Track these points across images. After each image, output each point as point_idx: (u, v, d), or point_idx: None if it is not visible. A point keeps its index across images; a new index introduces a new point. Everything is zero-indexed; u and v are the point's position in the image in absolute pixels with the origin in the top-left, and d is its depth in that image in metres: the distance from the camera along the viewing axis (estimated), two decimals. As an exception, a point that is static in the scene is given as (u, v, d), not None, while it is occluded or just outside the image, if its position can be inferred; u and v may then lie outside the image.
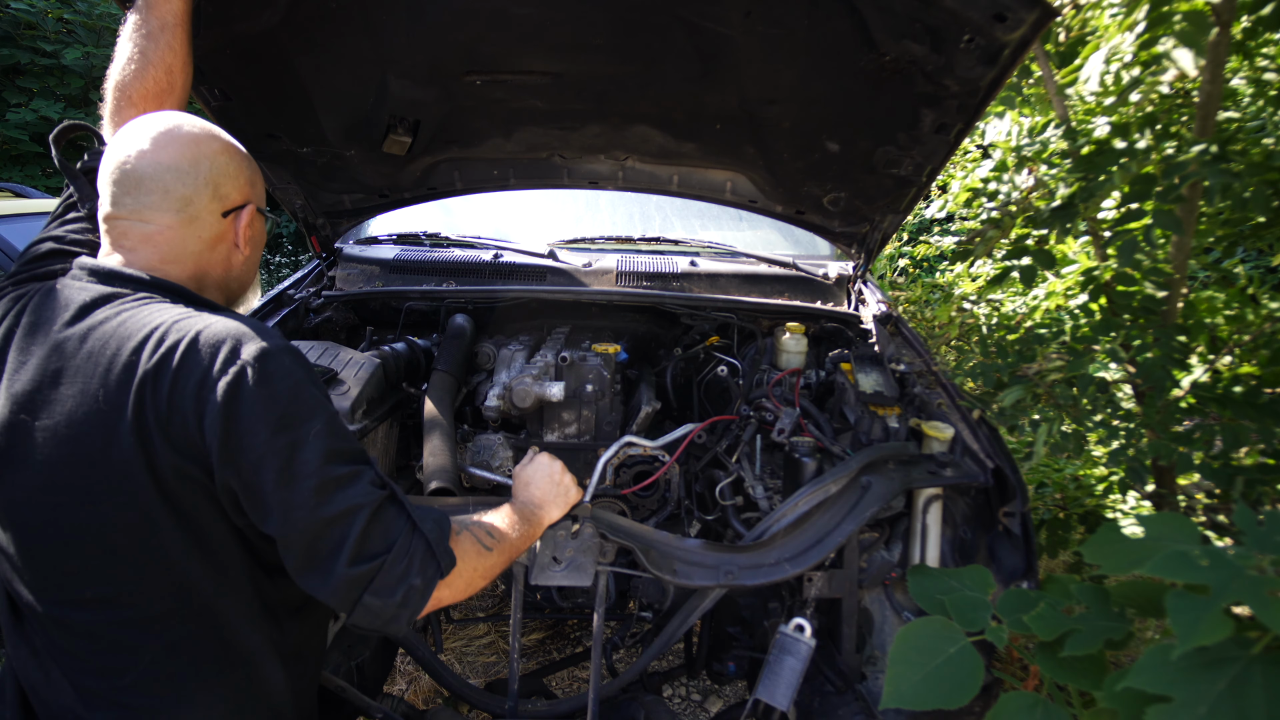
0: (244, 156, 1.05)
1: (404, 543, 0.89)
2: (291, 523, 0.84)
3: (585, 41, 1.50)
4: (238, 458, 0.83)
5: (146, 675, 0.91)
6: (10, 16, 5.44)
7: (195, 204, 0.97)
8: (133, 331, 0.86)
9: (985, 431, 1.62)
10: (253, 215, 1.05)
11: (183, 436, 0.84)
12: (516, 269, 2.32)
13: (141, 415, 0.84)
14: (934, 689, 1.04)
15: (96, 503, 0.86)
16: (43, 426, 0.87)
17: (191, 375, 0.84)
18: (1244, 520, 0.92)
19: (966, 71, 1.37)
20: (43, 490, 0.87)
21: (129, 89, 1.17)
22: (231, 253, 1.04)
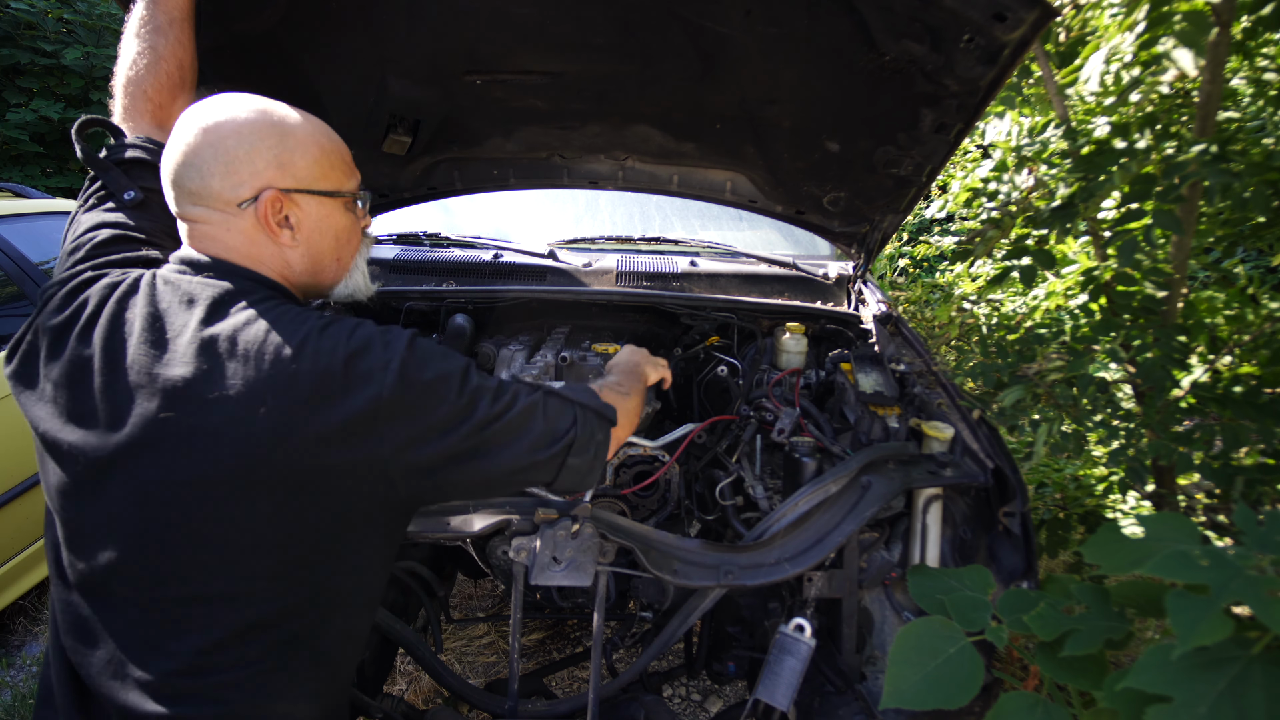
0: (267, 133, 0.93)
1: (579, 415, 1.06)
2: (503, 447, 0.97)
3: (585, 41, 1.50)
4: (426, 432, 0.91)
5: (250, 671, 0.90)
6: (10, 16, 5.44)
7: (208, 198, 0.93)
8: (286, 337, 0.87)
9: (985, 431, 1.62)
10: (277, 200, 0.94)
11: (355, 436, 0.87)
12: (516, 269, 2.32)
13: (312, 420, 0.85)
14: (934, 689, 1.04)
15: (254, 501, 0.86)
16: (197, 424, 0.85)
17: (361, 379, 0.87)
18: (1244, 520, 0.92)
19: (966, 71, 1.37)
20: (190, 486, 0.86)
21: (142, 84, 1.16)
22: (278, 246, 0.97)
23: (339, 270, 1.06)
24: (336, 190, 1.01)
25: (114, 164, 1.10)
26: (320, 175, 0.98)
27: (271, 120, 0.94)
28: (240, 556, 0.88)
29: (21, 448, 2.61)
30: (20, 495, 2.58)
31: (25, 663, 2.62)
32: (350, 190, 1.03)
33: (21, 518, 2.61)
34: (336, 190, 1.01)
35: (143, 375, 0.87)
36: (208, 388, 0.85)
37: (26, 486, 2.60)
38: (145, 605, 0.88)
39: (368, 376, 0.87)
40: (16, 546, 2.61)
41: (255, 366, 0.85)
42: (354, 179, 1.05)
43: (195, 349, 0.86)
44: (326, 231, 1.01)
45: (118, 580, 0.89)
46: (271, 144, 0.93)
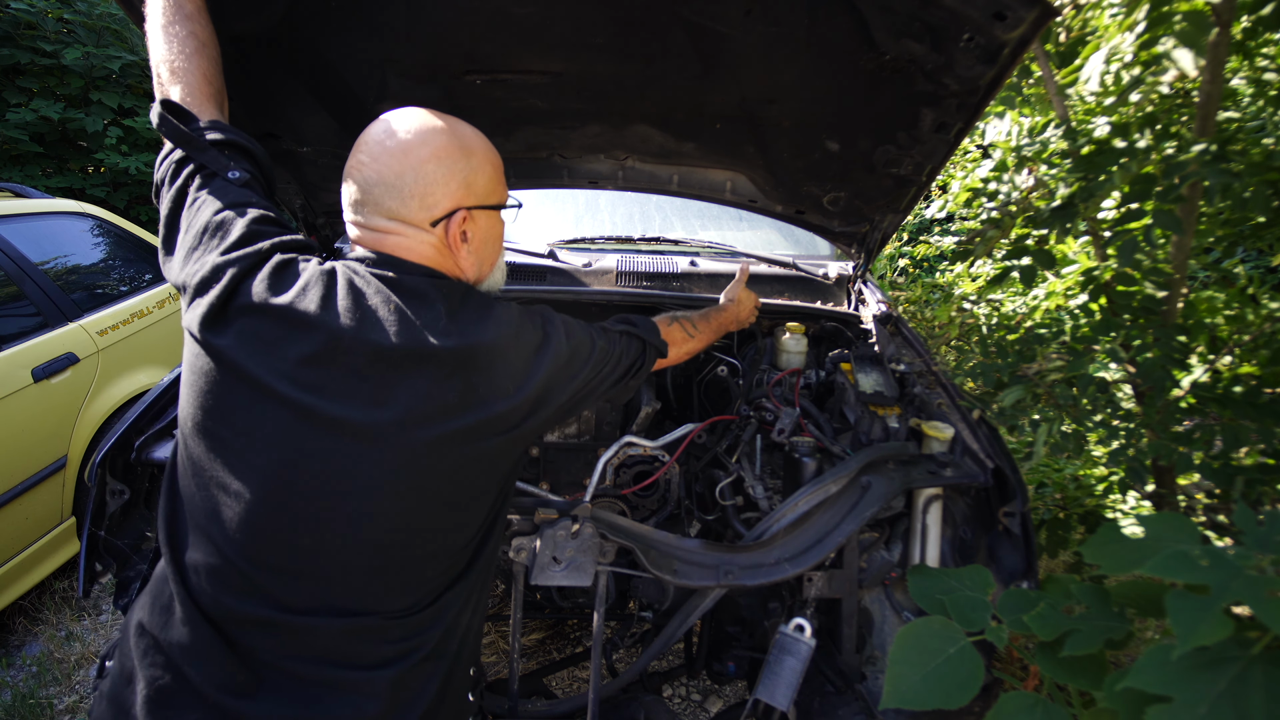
0: (457, 158, 1.02)
1: (646, 349, 1.33)
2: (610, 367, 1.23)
3: (585, 41, 1.50)
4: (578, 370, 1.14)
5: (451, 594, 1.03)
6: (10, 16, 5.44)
7: (405, 215, 1.01)
8: (510, 325, 1.04)
9: (985, 431, 1.62)
10: (465, 218, 1.04)
11: (551, 391, 1.09)
12: (516, 269, 2.32)
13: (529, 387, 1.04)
14: (934, 689, 1.04)
15: (495, 463, 1.04)
16: (470, 402, 0.97)
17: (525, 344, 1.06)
18: (1244, 520, 0.92)
19: (966, 70, 1.37)
20: (456, 457, 0.98)
21: (200, 70, 1.14)
22: (456, 256, 1.07)
23: (491, 271, 1.17)
24: (501, 203, 1.12)
25: (211, 144, 1.09)
26: (491, 191, 1.09)
27: (461, 143, 1.04)
28: (465, 513, 1.02)
29: (21, 448, 2.61)
30: (20, 495, 2.58)
31: (25, 663, 2.62)
32: (507, 201, 1.15)
33: (21, 518, 2.61)
34: (501, 203, 1.12)
35: (408, 360, 0.94)
36: (466, 372, 0.97)
37: (26, 486, 2.60)
38: (380, 561, 0.95)
39: (555, 352, 1.08)
40: (16, 546, 2.61)
41: (495, 349, 1.00)
42: (506, 190, 1.16)
43: (449, 339, 0.96)
44: (490, 239, 1.12)
45: (352, 540, 0.94)
46: (461, 167, 1.03)
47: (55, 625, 2.79)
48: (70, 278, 3.14)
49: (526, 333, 1.06)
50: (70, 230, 3.34)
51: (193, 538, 0.96)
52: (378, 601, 0.95)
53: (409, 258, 1.03)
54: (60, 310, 2.96)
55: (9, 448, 2.56)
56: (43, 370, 2.73)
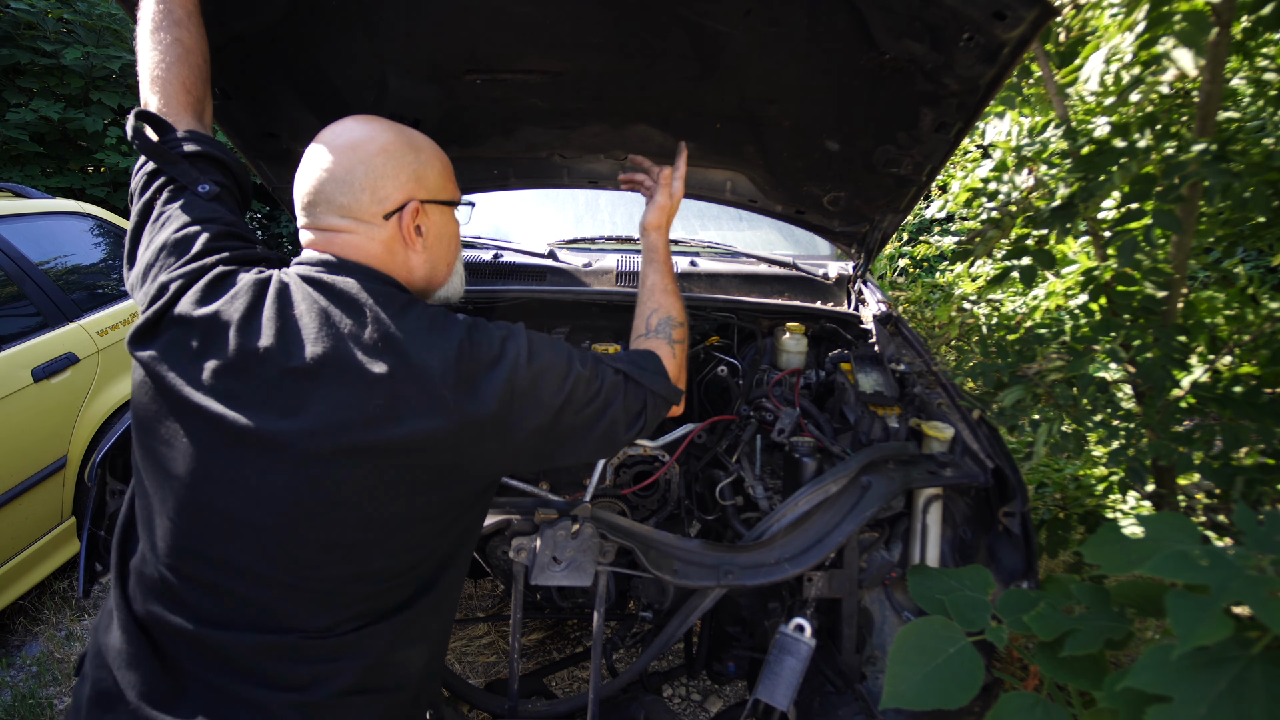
0: (405, 151, 1.02)
1: (651, 401, 1.15)
2: (579, 438, 1.06)
3: (585, 40, 1.50)
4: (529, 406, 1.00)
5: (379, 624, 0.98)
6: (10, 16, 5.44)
7: (357, 210, 1.00)
8: (451, 336, 0.97)
9: (985, 431, 1.62)
10: (418, 211, 1.03)
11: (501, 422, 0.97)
12: (516, 269, 2.32)
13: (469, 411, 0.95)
14: (934, 689, 1.04)
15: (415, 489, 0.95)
16: (382, 415, 0.91)
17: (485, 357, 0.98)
18: (1244, 520, 0.92)
19: (966, 70, 1.37)
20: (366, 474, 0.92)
21: (179, 78, 1.14)
22: (409, 253, 1.05)
23: (448, 273, 1.14)
24: (453, 199, 1.11)
25: (182, 157, 1.09)
26: (442, 186, 1.08)
27: (408, 139, 1.04)
28: (389, 535, 0.95)
29: (21, 448, 2.61)
30: (20, 495, 2.58)
31: (25, 663, 2.62)
32: (458, 199, 1.13)
33: (21, 518, 2.61)
34: (453, 199, 1.11)
35: (323, 368, 0.91)
36: (393, 383, 0.91)
37: (27, 486, 2.60)
38: (292, 579, 0.92)
39: (512, 371, 0.98)
40: (17, 546, 2.60)
41: (434, 362, 0.93)
42: (457, 189, 1.14)
43: (380, 348, 0.92)
44: (444, 237, 1.10)
45: (263, 554, 0.92)
46: (410, 160, 1.03)
47: (55, 625, 2.79)
48: (70, 278, 3.14)
49: (478, 348, 0.98)
50: (70, 230, 3.34)
51: (136, 545, 0.98)
52: (294, 619, 0.92)
53: (357, 257, 1.01)
54: (60, 310, 2.96)
55: (9, 448, 2.56)
56: (43, 370, 2.73)
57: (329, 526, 0.92)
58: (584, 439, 1.07)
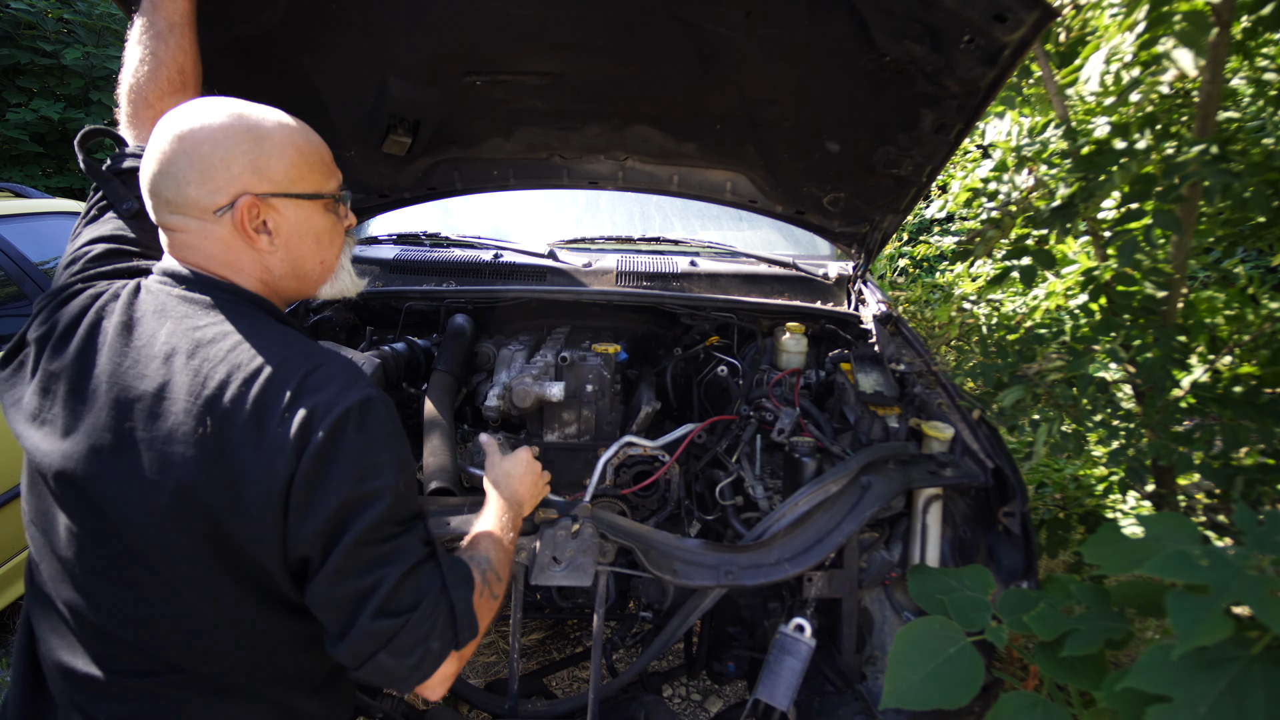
0: (240, 139, 0.91)
1: (430, 603, 0.88)
2: (337, 568, 0.84)
3: (585, 42, 1.50)
4: (316, 499, 0.84)
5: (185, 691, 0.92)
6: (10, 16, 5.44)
7: (184, 205, 0.91)
8: (244, 360, 0.86)
9: (985, 431, 1.62)
10: (255, 207, 0.92)
11: (276, 476, 0.83)
12: (516, 269, 2.32)
13: (243, 449, 0.84)
14: (934, 689, 1.04)
15: (189, 522, 0.86)
16: (148, 438, 0.85)
17: (299, 416, 0.83)
18: (1244, 520, 0.92)
19: (966, 72, 1.37)
20: (136, 502, 0.86)
21: (144, 91, 1.17)
22: (256, 250, 0.95)
23: (323, 272, 1.04)
24: (315, 192, 0.98)
25: (114, 174, 1.11)
26: (297, 178, 0.96)
27: (246, 124, 0.92)
28: (182, 577, 0.87)
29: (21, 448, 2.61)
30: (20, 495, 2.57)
31: (25, 663, 2.62)
32: (330, 191, 1.01)
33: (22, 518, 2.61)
34: (315, 192, 0.98)
35: (102, 385, 0.88)
36: (158, 403, 0.85)
37: (27, 486, 2.60)
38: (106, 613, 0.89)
39: (310, 414, 0.83)
40: (17, 546, 2.60)
41: (204, 385, 0.84)
42: (334, 179, 1.02)
43: (158, 363, 0.87)
44: (306, 234, 0.98)
45: (69, 595, 0.90)
46: (246, 149, 0.91)
47: (55, 625, 2.79)
48: (70, 278, 3.15)
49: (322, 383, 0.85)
50: (70, 230, 3.34)
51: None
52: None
53: (197, 260, 0.93)
54: (60, 310, 2.97)
55: (9, 448, 2.56)
56: (43, 370, 2.73)
57: (116, 562, 0.89)
58: (326, 583, 0.84)
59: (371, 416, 0.86)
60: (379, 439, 0.87)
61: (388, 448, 0.88)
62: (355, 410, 0.85)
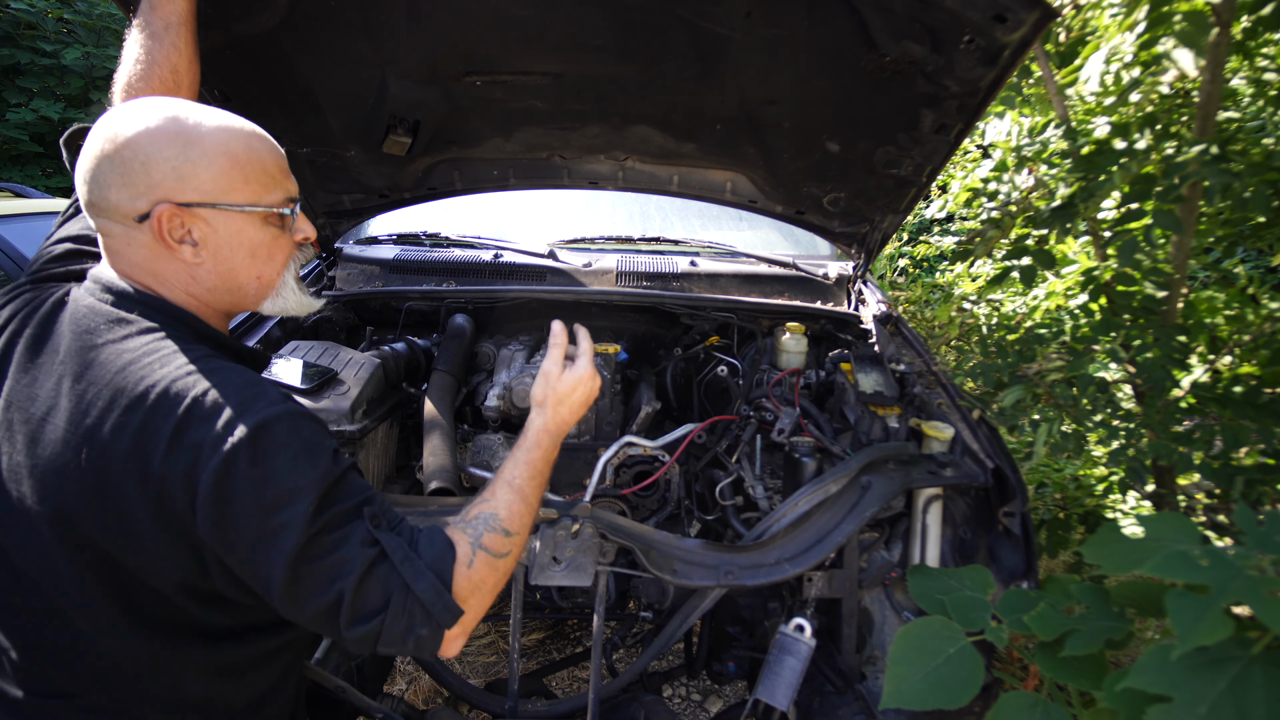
0: (166, 144, 0.86)
1: (399, 598, 0.85)
2: (286, 595, 0.82)
3: (585, 42, 1.50)
4: (232, 537, 0.81)
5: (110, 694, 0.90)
6: (10, 16, 5.44)
7: (104, 208, 0.87)
8: (129, 385, 0.81)
9: (985, 431, 1.62)
10: (174, 215, 0.86)
11: (169, 510, 0.81)
12: (516, 269, 2.32)
13: (128, 479, 0.80)
14: (934, 689, 1.04)
15: (81, 548, 0.84)
16: (34, 462, 0.83)
17: (184, 451, 0.79)
18: (1244, 520, 0.92)
19: (966, 72, 1.37)
20: (28, 520, 0.84)
21: (136, 89, 1.17)
22: (180, 261, 0.90)
23: (261, 288, 0.98)
24: (250, 204, 0.92)
25: None
26: (229, 188, 0.90)
27: (178, 128, 0.87)
28: (72, 606, 0.86)
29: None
30: None
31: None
32: (270, 203, 0.94)
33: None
34: (250, 204, 0.92)
35: (4, 403, 0.87)
36: (44, 424, 0.83)
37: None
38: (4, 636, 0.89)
39: (195, 449, 0.79)
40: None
41: (89, 407, 0.81)
42: (277, 191, 0.95)
43: (51, 383, 0.85)
44: (238, 248, 0.93)
45: None
46: (170, 155, 0.86)
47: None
48: (70, 278, 3.15)
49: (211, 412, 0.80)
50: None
51: None
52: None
53: (121, 266, 0.90)
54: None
55: None
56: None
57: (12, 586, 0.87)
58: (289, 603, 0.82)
59: (266, 444, 0.81)
60: (278, 468, 0.81)
61: (291, 473, 0.81)
62: (244, 445, 0.79)
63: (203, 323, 0.94)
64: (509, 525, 0.99)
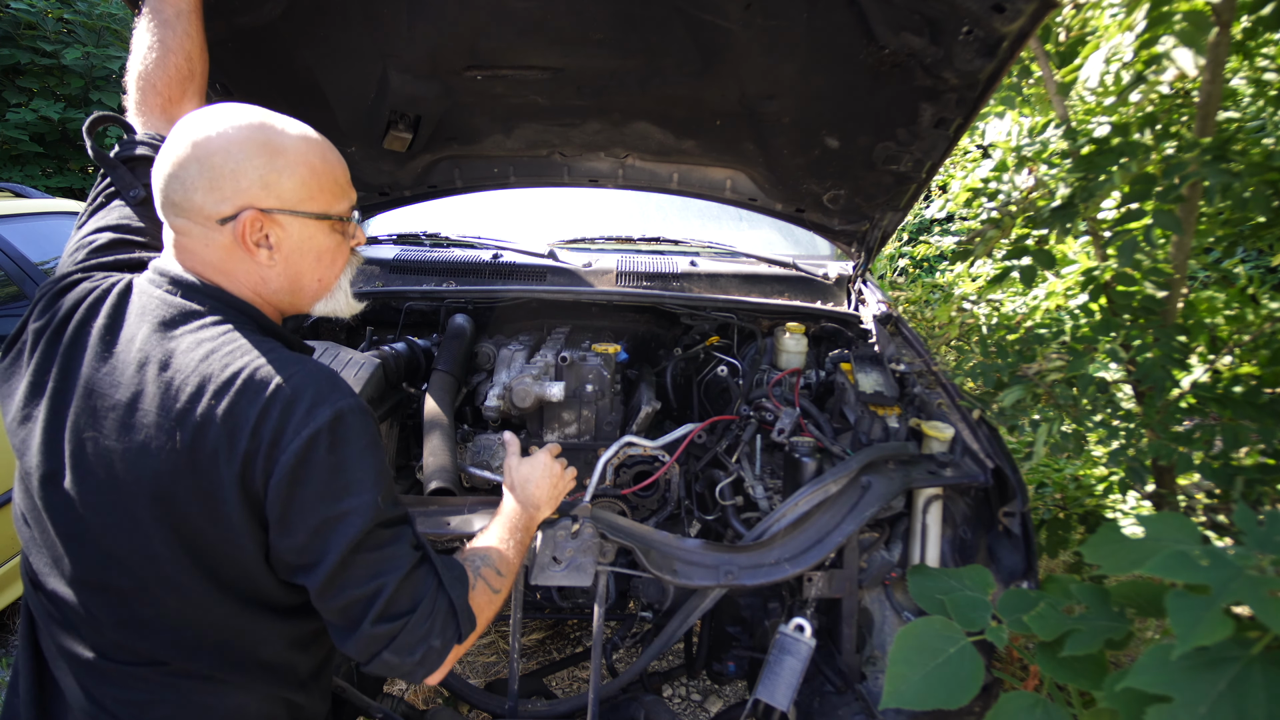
0: (255, 153, 0.91)
1: (428, 604, 0.91)
2: (330, 580, 0.87)
3: (585, 36, 1.50)
4: (294, 519, 0.85)
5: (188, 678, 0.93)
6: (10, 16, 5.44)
7: (189, 210, 0.91)
8: (214, 371, 0.85)
9: (985, 431, 1.62)
10: (259, 221, 0.91)
11: (250, 488, 0.85)
12: (516, 269, 2.32)
13: (216, 462, 0.84)
14: (934, 689, 1.04)
15: (168, 530, 0.87)
16: (123, 446, 0.86)
17: (268, 433, 0.84)
18: (1244, 520, 0.92)
19: (965, 64, 1.37)
20: (113, 506, 0.87)
21: (152, 78, 1.17)
22: (254, 265, 0.95)
23: (320, 290, 1.04)
24: (323, 213, 0.97)
25: (122, 161, 1.11)
26: (307, 197, 0.95)
27: (264, 138, 0.92)
28: (153, 584, 0.89)
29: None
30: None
31: (25, 662, 2.62)
32: (338, 212, 1.00)
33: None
34: (323, 213, 0.97)
35: (84, 388, 0.89)
36: (131, 410, 0.86)
37: (26, 486, 2.60)
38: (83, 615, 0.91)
39: (277, 433, 0.84)
40: (17, 546, 2.60)
41: (176, 395, 0.85)
42: (345, 200, 1.01)
43: (132, 369, 0.87)
44: (307, 253, 0.98)
45: (62, 587, 0.91)
46: (259, 163, 0.90)
47: (55, 625, 2.79)
48: (70, 277, 3.15)
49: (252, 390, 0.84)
50: (70, 230, 3.35)
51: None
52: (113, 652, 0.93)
53: (194, 265, 0.93)
54: (60, 310, 2.97)
55: (9, 447, 2.56)
56: (42, 370, 2.73)
57: (100, 562, 0.89)
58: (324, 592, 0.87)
59: (343, 432, 0.86)
60: (351, 456, 0.87)
61: (361, 463, 0.87)
62: (325, 430, 0.84)
63: (267, 319, 0.99)
64: (500, 568, 1.08)
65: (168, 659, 0.92)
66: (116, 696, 0.91)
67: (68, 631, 0.93)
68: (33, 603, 0.97)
